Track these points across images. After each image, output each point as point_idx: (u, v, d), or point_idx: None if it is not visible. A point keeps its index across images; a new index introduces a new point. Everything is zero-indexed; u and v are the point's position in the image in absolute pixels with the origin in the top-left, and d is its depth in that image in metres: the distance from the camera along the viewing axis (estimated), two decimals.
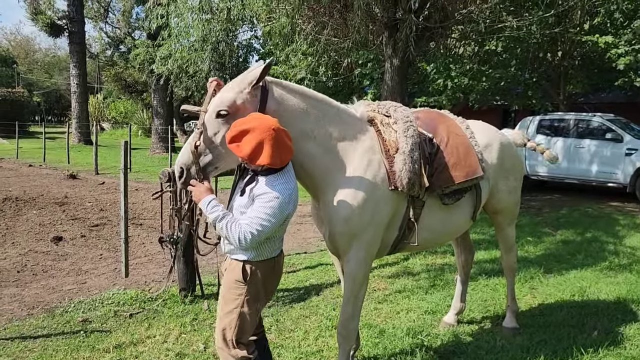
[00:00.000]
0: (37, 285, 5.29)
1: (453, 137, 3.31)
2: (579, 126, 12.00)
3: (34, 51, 63.76)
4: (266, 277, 2.64)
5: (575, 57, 14.01)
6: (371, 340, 3.96)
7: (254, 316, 2.68)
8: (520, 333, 4.10)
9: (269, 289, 2.72)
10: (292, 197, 2.50)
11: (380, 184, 2.93)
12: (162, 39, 12.40)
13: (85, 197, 10.73)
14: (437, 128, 3.32)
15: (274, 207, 2.42)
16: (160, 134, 23.12)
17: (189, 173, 2.63)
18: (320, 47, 9.40)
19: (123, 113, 41.05)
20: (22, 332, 4.08)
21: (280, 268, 2.76)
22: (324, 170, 2.86)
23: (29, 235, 7.37)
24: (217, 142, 2.63)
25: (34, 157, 19.55)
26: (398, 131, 3.02)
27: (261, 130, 2.37)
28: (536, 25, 9.37)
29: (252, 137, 2.36)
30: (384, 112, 3.17)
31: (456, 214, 3.38)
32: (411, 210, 3.07)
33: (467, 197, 3.40)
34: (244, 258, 2.59)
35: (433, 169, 3.14)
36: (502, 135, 3.95)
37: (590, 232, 8.01)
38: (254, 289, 2.61)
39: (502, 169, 3.75)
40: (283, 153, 2.44)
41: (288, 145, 2.47)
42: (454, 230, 3.54)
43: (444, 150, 3.22)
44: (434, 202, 3.20)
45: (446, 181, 3.17)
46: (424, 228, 3.18)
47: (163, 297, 4.87)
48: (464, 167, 3.24)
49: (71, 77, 29.04)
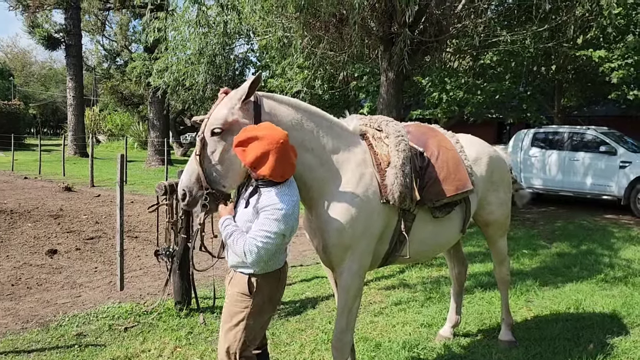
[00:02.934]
0: (31, 298, 5.26)
1: (443, 151, 3.36)
2: (573, 139, 12.09)
3: (30, 64, 63.85)
4: (272, 288, 2.65)
5: (569, 70, 14.15)
6: (367, 354, 3.95)
7: (259, 329, 2.68)
8: (517, 346, 4.10)
9: (274, 300, 2.72)
10: (296, 209, 2.51)
11: (372, 197, 2.96)
12: (159, 52, 12.46)
13: (81, 209, 10.70)
14: (427, 142, 3.37)
15: (279, 219, 2.42)
16: (156, 146, 23.12)
17: (192, 195, 2.65)
18: (316, 60, 9.47)
19: (119, 125, 41.03)
20: (16, 347, 4.05)
21: (285, 278, 2.78)
22: (319, 181, 2.88)
23: (24, 248, 7.33)
24: (215, 160, 2.65)
25: (29, 170, 19.49)
26: (390, 145, 3.06)
27: (269, 140, 2.39)
28: (530, 39, 9.45)
29: (259, 145, 2.39)
30: (375, 127, 3.22)
31: (446, 227, 3.43)
32: (402, 223, 3.09)
33: (457, 210, 3.44)
34: (250, 271, 2.59)
35: (424, 183, 3.19)
36: (492, 148, 4.00)
37: (586, 244, 8.03)
38: (259, 301, 2.61)
39: (491, 182, 3.82)
40: (286, 168, 2.46)
41: (292, 161, 2.50)
42: (444, 243, 3.58)
43: (434, 164, 3.27)
44: (424, 215, 3.23)
45: (437, 195, 3.21)
46: (415, 241, 3.21)
47: (158, 310, 4.84)
48: (454, 181, 3.28)
49: (67, 90, 29.12)
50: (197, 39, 9.51)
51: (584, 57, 11.76)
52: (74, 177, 17.13)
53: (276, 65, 13.15)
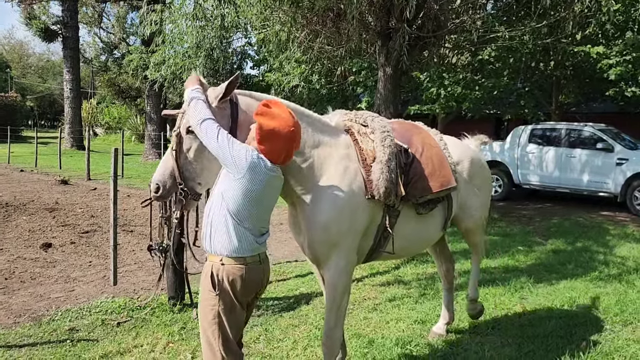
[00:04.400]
0: (24, 292, 5.24)
1: (428, 148, 3.37)
2: (570, 136, 12.08)
3: (27, 56, 63.60)
4: (235, 284, 2.53)
5: (567, 67, 14.12)
6: (360, 350, 3.95)
7: (235, 324, 2.60)
8: (501, 343, 4.09)
9: (242, 301, 2.60)
10: (260, 162, 2.48)
11: (357, 192, 2.96)
12: (156, 45, 12.39)
13: (77, 203, 10.67)
14: (411, 139, 3.38)
15: (236, 141, 2.48)
16: (153, 140, 23.07)
17: (165, 188, 2.67)
18: (313, 55, 9.43)
19: (116, 118, 40.92)
20: (8, 341, 4.04)
21: (253, 279, 2.58)
22: (301, 177, 2.88)
23: (18, 241, 7.31)
24: (191, 157, 2.67)
25: (25, 162, 19.44)
26: (375, 141, 3.06)
27: (281, 122, 2.49)
28: (529, 35, 9.43)
29: (271, 122, 2.48)
30: (361, 122, 3.22)
31: (429, 223, 3.45)
32: (387, 219, 3.08)
33: (440, 208, 3.47)
34: (219, 252, 2.52)
35: (409, 179, 3.19)
36: (473, 151, 4.03)
37: (581, 241, 8.04)
38: (226, 298, 2.54)
39: (472, 184, 3.84)
40: (281, 152, 2.54)
41: (290, 151, 2.59)
42: (427, 240, 3.62)
43: (419, 160, 3.29)
44: (408, 212, 3.24)
45: (422, 191, 3.22)
46: (399, 236, 3.21)
47: (151, 305, 4.84)
48: (439, 177, 3.30)
49: (64, 82, 29.01)
50: (194, 32, 9.46)
51: (583, 54, 11.74)
52: (71, 170, 17.08)
53: (274, 59, 13.11)
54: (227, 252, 2.51)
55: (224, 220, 2.49)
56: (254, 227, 2.53)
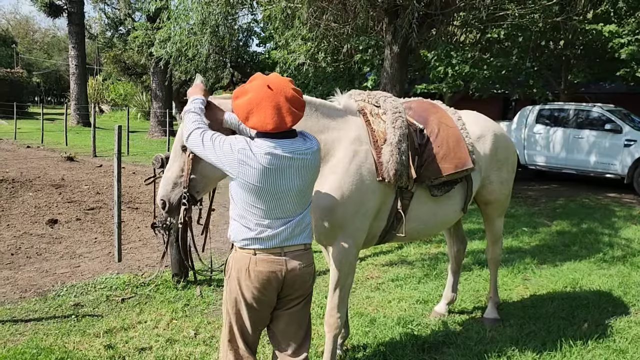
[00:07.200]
0: (30, 268, 5.29)
1: (443, 129, 3.29)
2: (578, 116, 11.95)
3: (33, 31, 63.30)
4: (240, 274, 2.37)
5: (577, 46, 13.88)
6: (361, 329, 3.97)
7: (239, 321, 2.45)
8: (502, 324, 4.09)
9: (245, 294, 2.38)
10: (247, 146, 2.27)
11: (367, 175, 2.92)
12: (161, 22, 12.26)
13: (82, 179, 10.72)
14: (428, 119, 3.31)
15: (221, 138, 2.33)
16: (159, 117, 23.02)
17: (171, 202, 2.66)
18: (320, 32, 9.31)
19: (122, 95, 40.83)
20: (14, 316, 4.09)
21: (263, 272, 2.34)
22: None
23: (25, 217, 7.36)
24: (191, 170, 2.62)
25: (32, 139, 19.49)
26: (386, 122, 3.01)
27: (255, 91, 2.27)
28: (539, 13, 9.26)
29: (247, 97, 2.28)
30: (373, 102, 3.16)
31: (446, 205, 3.38)
32: (399, 202, 3.06)
33: (458, 189, 3.39)
34: (231, 238, 2.44)
35: (422, 160, 3.14)
36: (497, 126, 3.92)
37: (586, 223, 8.00)
38: (233, 286, 2.40)
39: (495, 160, 3.74)
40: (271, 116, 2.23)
41: (282, 111, 2.23)
42: (444, 222, 3.55)
43: (433, 142, 3.21)
44: (422, 194, 3.20)
45: (435, 173, 3.16)
46: (413, 219, 3.17)
47: (156, 282, 4.88)
48: (453, 159, 3.22)
49: (70, 58, 28.90)
50: (200, 8, 9.35)
51: (594, 32, 11.52)
52: (77, 147, 17.13)
53: (279, 36, 12.95)
54: (234, 239, 2.41)
55: (233, 206, 2.41)
56: (265, 215, 2.31)
